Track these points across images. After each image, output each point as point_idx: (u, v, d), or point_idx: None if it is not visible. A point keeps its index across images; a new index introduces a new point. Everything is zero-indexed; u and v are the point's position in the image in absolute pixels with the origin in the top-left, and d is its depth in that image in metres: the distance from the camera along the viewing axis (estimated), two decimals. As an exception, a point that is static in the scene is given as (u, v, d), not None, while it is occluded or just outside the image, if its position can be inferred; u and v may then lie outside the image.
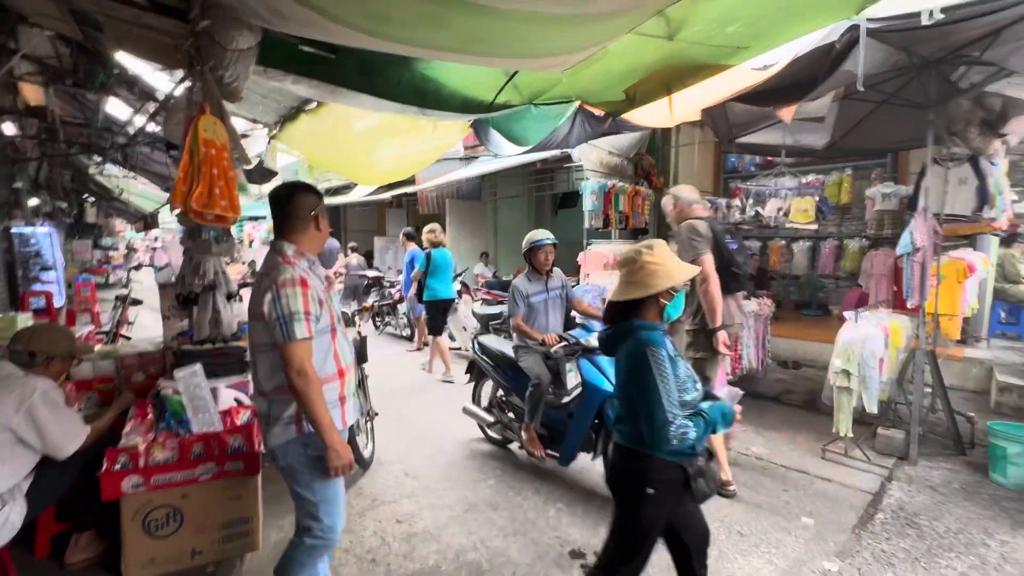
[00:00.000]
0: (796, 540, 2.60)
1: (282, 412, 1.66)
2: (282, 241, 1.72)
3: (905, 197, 5.42)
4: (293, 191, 1.75)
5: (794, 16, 2.40)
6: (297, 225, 1.73)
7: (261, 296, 1.60)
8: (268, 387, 1.68)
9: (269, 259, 1.70)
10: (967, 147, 3.92)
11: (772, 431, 4.05)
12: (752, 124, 4.58)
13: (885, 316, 3.80)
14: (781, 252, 7.18)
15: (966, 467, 3.41)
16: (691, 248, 2.91)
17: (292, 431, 1.66)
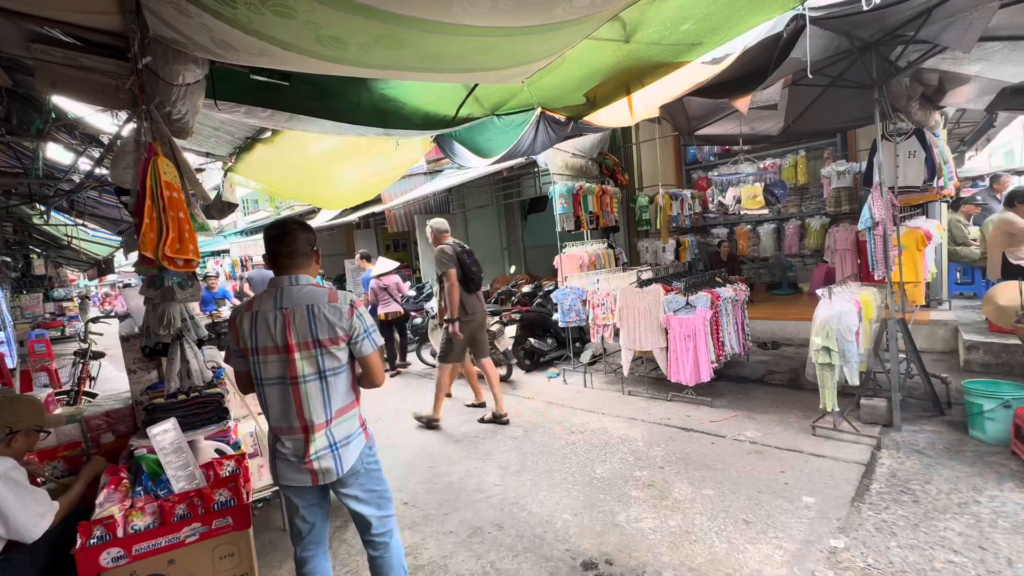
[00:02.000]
0: (800, 521, 2.64)
1: (351, 429, 1.84)
2: (296, 275, 1.81)
3: (858, 173, 5.65)
4: (295, 229, 1.85)
5: (743, 11, 2.46)
6: (302, 261, 1.84)
7: (334, 321, 1.74)
8: (330, 414, 1.77)
9: (301, 290, 1.78)
10: (911, 121, 4.12)
11: (762, 413, 4.12)
12: (709, 116, 4.69)
13: (855, 290, 3.92)
14: (748, 236, 7.38)
15: (947, 427, 3.54)
16: (442, 264, 4.24)
17: (363, 439, 1.88)
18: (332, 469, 1.78)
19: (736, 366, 5.27)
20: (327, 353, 1.75)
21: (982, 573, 2.13)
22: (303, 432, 1.75)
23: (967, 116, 6.70)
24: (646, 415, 4.38)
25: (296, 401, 1.74)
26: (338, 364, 1.79)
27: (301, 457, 1.75)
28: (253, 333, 1.74)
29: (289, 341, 1.72)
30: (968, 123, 7.37)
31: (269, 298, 1.77)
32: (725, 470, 3.26)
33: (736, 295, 4.86)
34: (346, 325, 1.76)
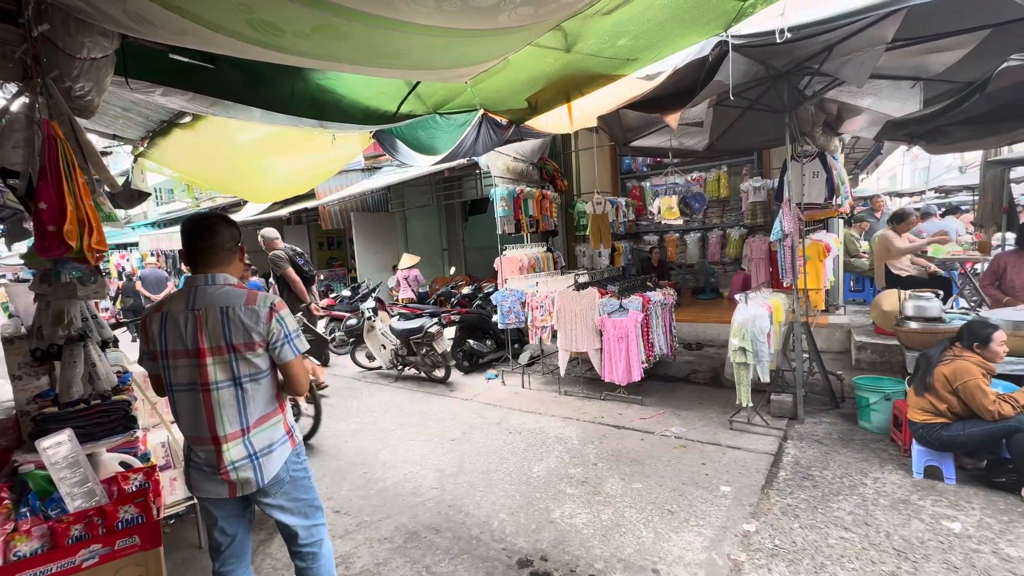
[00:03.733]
0: (718, 509, 2.84)
1: (274, 437, 1.73)
2: (214, 274, 1.69)
3: (771, 189, 6.19)
4: (217, 223, 1.74)
5: (673, 32, 2.62)
6: (224, 257, 1.73)
7: (250, 325, 1.62)
8: (247, 422, 1.66)
9: (217, 290, 1.66)
10: (815, 144, 4.59)
11: (686, 410, 4.40)
12: (643, 129, 4.95)
13: (768, 295, 4.30)
14: (677, 244, 7.83)
15: (841, 418, 3.98)
16: (279, 267, 5.27)
17: (288, 447, 1.77)
18: (252, 479, 1.67)
19: (664, 366, 5.58)
20: (242, 359, 1.64)
21: (867, 546, 2.42)
22: (213, 443, 1.63)
23: (860, 143, 7.57)
24: (581, 414, 4.52)
25: (207, 409, 1.62)
26: (256, 370, 1.67)
27: (215, 468, 1.64)
28: (163, 336, 1.62)
29: (200, 345, 1.60)
30: (861, 149, 8.33)
31: (181, 298, 1.65)
32: (653, 464, 3.44)
33: (665, 299, 5.15)
34: (263, 330, 1.65)
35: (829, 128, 4.63)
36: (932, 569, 2.22)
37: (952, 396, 2.89)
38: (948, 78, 3.79)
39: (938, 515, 2.61)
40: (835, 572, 2.25)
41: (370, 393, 5.76)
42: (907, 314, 3.84)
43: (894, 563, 2.27)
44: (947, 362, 2.94)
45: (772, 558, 2.38)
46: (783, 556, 2.39)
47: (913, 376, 3.22)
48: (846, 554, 2.36)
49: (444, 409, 4.97)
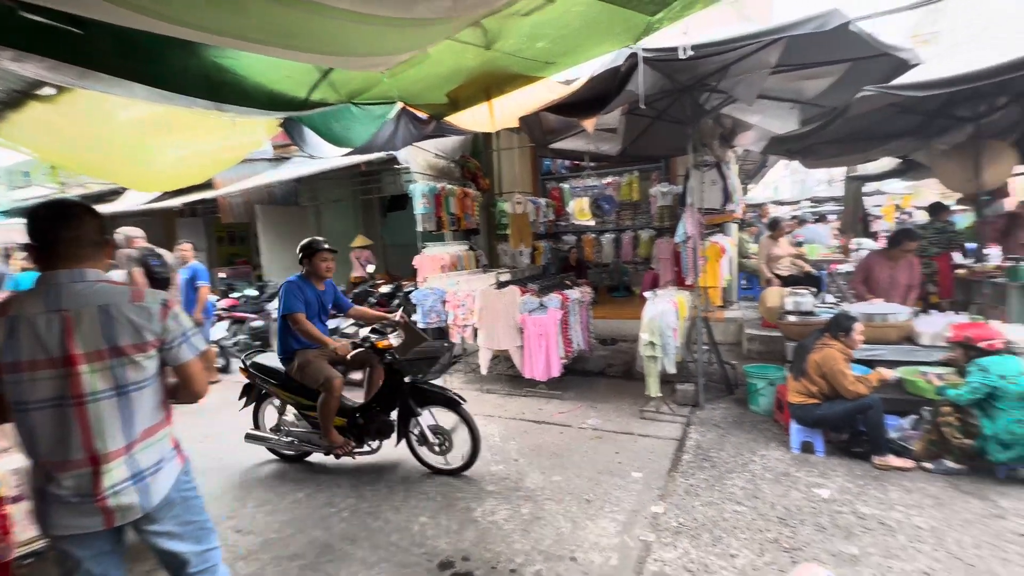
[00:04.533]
0: (630, 494, 3.02)
1: (163, 452, 1.56)
2: (81, 269, 1.46)
3: (677, 195, 6.69)
4: (81, 212, 1.51)
5: (588, 39, 2.73)
6: (90, 252, 1.50)
7: (141, 323, 1.46)
8: (132, 436, 1.48)
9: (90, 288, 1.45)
10: (713, 155, 5.03)
11: (602, 403, 4.61)
12: (562, 131, 5.10)
13: (673, 293, 4.64)
14: (593, 244, 8.19)
15: (735, 404, 4.40)
16: (129, 265, 4.93)
17: (177, 463, 1.61)
18: (136, 505, 1.47)
19: (582, 361, 5.81)
20: (130, 363, 1.46)
21: (755, 516, 2.69)
22: (91, 464, 1.41)
23: (750, 156, 8.44)
24: (503, 411, 4.56)
25: (82, 426, 1.40)
26: (143, 376, 1.50)
27: (89, 495, 1.41)
28: (13, 345, 1.36)
29: (71, 351, 1.38)
30: (750, 162, 9.29)
31: (35, 298, 1.40)
32: (571, 456, 3.57)
33: (582, 297, 5.36)
34: (158, 328, 1.50)
35: (725, 141, 5.10)
36: (806, 532, 2.53)
37: (822, 379, 3.32)
38: (819, 103, 4.34)
39: (811, 484, 2.98)
40: (730, 543, 2.48)
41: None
42: (787, 309, 4.34)
43: (777, 530, 2.56)
44: (817, 350, 3.38)
45: (677, 535, 2.57)
46: (686, 533, 2.59)
47: (792, 363, 3.65)
48: (738, 525, 2.62)
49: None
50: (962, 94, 3.94)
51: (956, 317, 3.84)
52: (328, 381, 3.19)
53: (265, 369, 3.55)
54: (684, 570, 2.30)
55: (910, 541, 2.40)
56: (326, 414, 3.25)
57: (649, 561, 2.38)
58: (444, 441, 3.34)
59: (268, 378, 3.52)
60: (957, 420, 2.95)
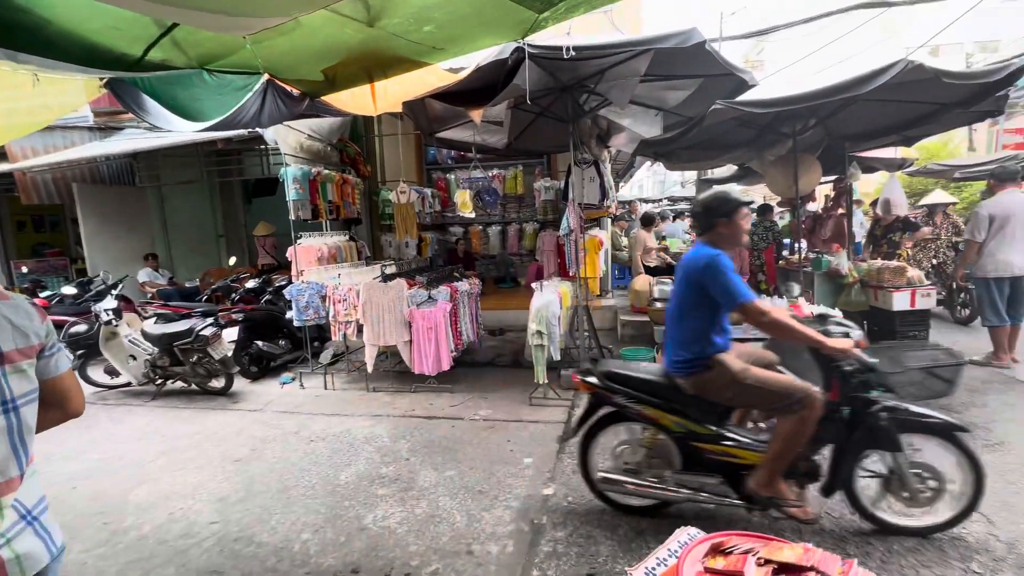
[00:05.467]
0: (522, 480, 3.10)
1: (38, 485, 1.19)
2: None
3: (559, 190, 7.02)
4: None
5: (476, 29, 2.69)
6: None
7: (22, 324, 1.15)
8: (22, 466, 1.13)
9: None
10: (591, 153, 5.36)
11: (492, 393, 4.68)
12: (449, 121, 5.00)
13: (557, 283, 4.87)
14: (480, 236, 8.23)
15: (612, 385, 4.78)
16: None
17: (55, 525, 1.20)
18: (40, 551, 1.10)
19: (472, 353, 5.82)
20: (17, 372, 1.14)
21: (633, 487, 2.95)
22: None
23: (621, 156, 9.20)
24: (392, 409, 4.39)
25: None
26: (31, 388, 1.19)
27: None
28: None
29: None
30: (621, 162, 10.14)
31: None
32: (464, 449, 3.56)
33: (471, 289, 5.36)
34: (40, 330, 1.22)
35: (601, 141, 5.46)
36: (674, 495, 2.85)
37: (683, 359, 3.75)
38: (678, 111, 4.86)
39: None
40: (614, 515, 2.68)
41: (115, 419, 4.50)
42: (655, 296, 4.83)
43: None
44: (680, 333, 3.80)
45: (567, 515, 2.71)
46: (576, 511, 2.74)
47: (661, 345, 4.07)
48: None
49: (225, 426, 4.21)
50: (785, 113, 4.72)
51: (780, 300, 4.62)
52: (808, 397, 2.19)
53: (632, 382, 2.52)
54: (575, 545, 2.44)
55: (752, 491, 2.83)
56: (787, 449, 2.25)
57: (543, 543, 2.48)
58: (933, 485, 2.34)
59: (641, 394, 2.49)
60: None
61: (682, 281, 2.43)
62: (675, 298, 2.51)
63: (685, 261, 2.44)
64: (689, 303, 2.39)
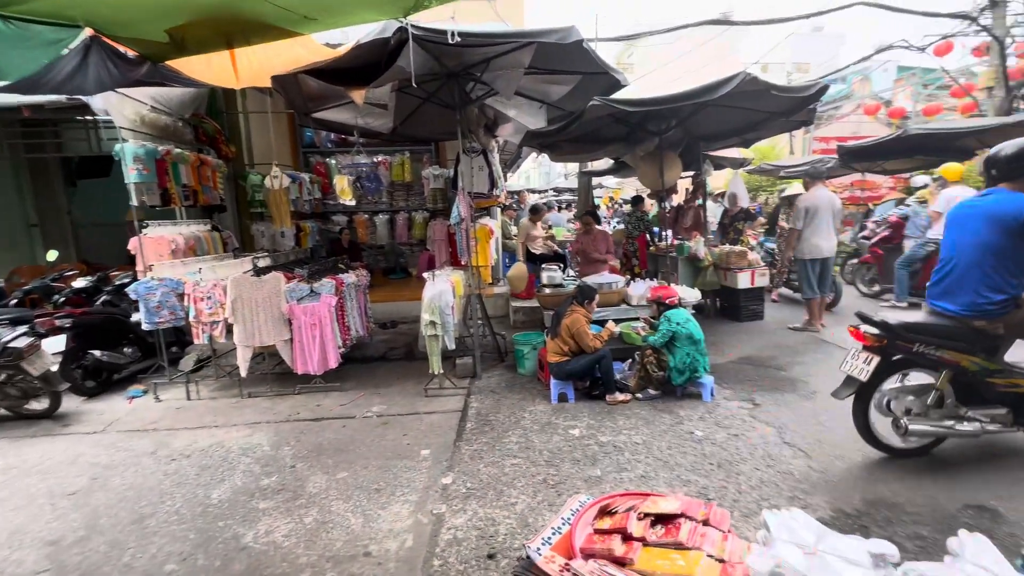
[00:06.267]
0: (420, 473, 3.06)
1: None
2: None
3: (448, 178, 6.94)
4: None
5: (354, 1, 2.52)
6: None
7: None
8: None
9: None
10: (479, 142, 5.38)
11: (386, 387, 4.52)
12: (327, 100, 4.64)
13: (450, 273, 4.84)
14: (367, 225, 7.84)
15: (506, 370, 4.92)
16: None
17: None
18: None
19: (361, 347, 5.56)
20: None
21: (528, 464, 3.08)
22: None
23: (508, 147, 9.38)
24: (272, 415, 4.01)
25: None
26: None
27: None
28: None
29: None
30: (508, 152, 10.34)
31: None
32: (357, 448, 3.40)
33: (359, 280, 5.09)
34: None
35: (488, 130, 5.50)
36: (566, 467, 3.03)
37: (571, 339, 4.00)
38: (560, 106, 5.08)
39: (567, 427, 3.58)
40: (511, 493, 2.78)
41: None
42: (543, 282, 5.05)
43: (545, 472, 2.99)
44: (568, 315, 4.04)
45: (466, 500, 2.74)
46: (474, 495, 2.78)
47: (549, 328, 4.27)
48: (517, 476, 2.96)
49: (52, 455, 3.51)
50: (652, 113, 5.20)
51: (651, 283, 5.13)
52: None
53: (931, 329, 2.68)
54: (475, 529, 2.47)
55: (632, 455, 3.14)
56: None
57: (443, 532, 2.47)
58: None
59: (937, 339, 2.64)
60: (654, 358, 3.97)
61: (991, 225, 2.53)
62: (973, 247, 2.60)
63: (992, 208, 2.55)
64: (1003, 246, 2.50)
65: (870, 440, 2.94)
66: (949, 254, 2.74)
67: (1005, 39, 8.54)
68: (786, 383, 4.20)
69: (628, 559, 1.41)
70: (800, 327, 5.71)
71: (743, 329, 5.91)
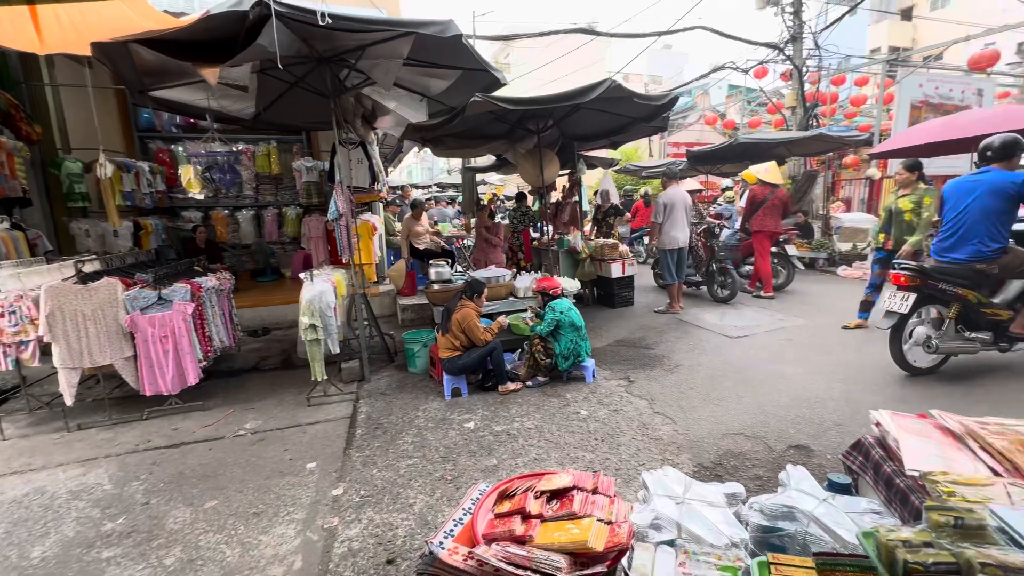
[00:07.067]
0: (307, 488, 2.84)
1: None
2: None
3: (323, 171, 6.48)
4: None
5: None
6: None
7: None
8: None
9: None
10: (356, 134, 5.10)
11: (260, 401, 4.09)
12: (170, 77, 3.99)
13: (330, 272, 4.53)
14: (227, 222, 6.99)
15: (396, 370, 4.77)
16: None
17: None
18: None
19: (228, 359, 4.96)
20: None
21: (424, 463, 3.04)
22: None
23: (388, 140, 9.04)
24: (113, 447, 3.39)
25: None
26: None
27: None
28: None
29: None
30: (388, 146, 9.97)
31: None
32: (228, 472, 3.03)
33: (221, 284, 4.53)
34: None
35: (366, 121, 5.25)
36: (463, 460, 3.05)
37: (462, 334, 4.02)
38: (442, 100, 5.04)
39: (462, 421, 3.60)
40: (408, 495, 2.71)
41: None
42: (431, 278, 4.98)
43: (442, 468, 2.98)
44: (458, 310, 4.05)
45: (360, 509, 2.61)
46: (369, 502, 2.66)
47: (440, 324, 4.24)
48: (413, 476, 2.90)
49: None
50: (530, 112, 5.42)
51: (536, 275, 5.37)
52: None
53: (950, 271, 3.70)
54: (371, 537, 2.37)
55: (526, 440, 3.27)
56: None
57: (336, 546, 2.33)
58: None
59: (954, 278, 3.68)
60: (541, 347, 4.17)
61: (992, 194, 3.53)
62: (978, 210, 3.58)
63: (992, 180, 3.56)
64: (1000, 209, 3.53)
65: (901, 364, 3.94)
66: (956, 216, 3.73)
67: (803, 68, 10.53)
68: (654, 360, 4.71)
69: (528, 536, 1.47)
70: (664, 310, 6.44)
71: (617, 314, 6.49)
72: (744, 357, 4.64)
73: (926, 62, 11.96)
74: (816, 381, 3.98)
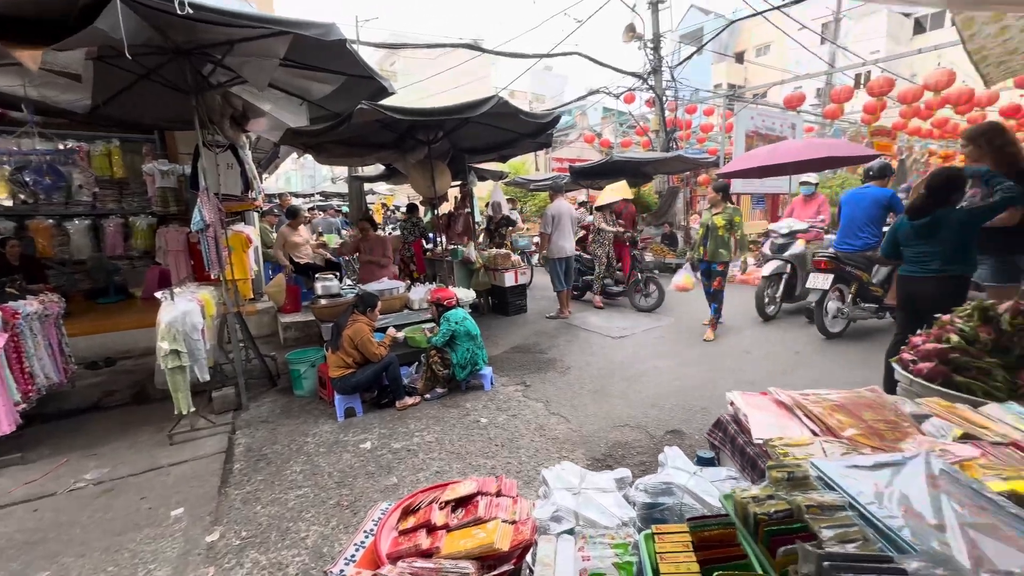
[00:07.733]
0: (173, 539, 2.47)
1: None
2: None
3: (182, 176, 5.74)
4: None
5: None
6: None
7: None
8: None
9: None
10: (224, 136, 4.62)
11: (104, 444, 3.47)
12: (-35, 56, 3.24)
13: (195, 290, 4.02)
14: (52, 234, 5.83)
15: (280, 394, 4.37)
16: None
17: None
18: None
19: (58, 399, 4.12)
20: None
21: (317, 491, 2.83)
22: None
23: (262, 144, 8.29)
24: None
25: None
26: None
27: None
28: None
29: None
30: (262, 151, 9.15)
31: None
32: (63, 534, 2.52)
33: (46, 309, 3.76)
34: None
35: (236, 123, 4.77)
36: (360, 483, 2.90)
37: (354, 350, 3.83)
38: (324, 105, 4.79)
39: (357, 442, 3.42)
40: (298, 528, 2.50)
41: None
42: (318, 293, 4.67)
43: (337, 494, 2.79)
44: (349, 325, 3.85)
45: (242, 552, 2.34)
46: (252, 543, 2.40)
47: (329, 341, 3.99)
48: (304, 508, 2.68)
49: None
50: (419, 123, 5.38)
51: (430, 286, 5.32)
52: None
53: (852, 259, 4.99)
54: (257, 582, 2.14)
55: (427, 454, 3.21)
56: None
57: (213, 598, 2.06)
58: None
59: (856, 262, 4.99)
60: (438, 358, 4.14)
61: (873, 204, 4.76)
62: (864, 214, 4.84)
63: (873, 193, 4.78)
64: (877, 215, 4.78)
65: (822, 330, 5.16)
66: (851, 216, 4.95)
67: (663, 96, 11.94)
68: (547, 363, 4.94)
69: (435, 548, 1.45)
70: (554, 315, 6.78)
71: (511, 322, 6.68)
72: (626, 355, 5.07)
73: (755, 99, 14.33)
74: (686, 371, 4.51)
